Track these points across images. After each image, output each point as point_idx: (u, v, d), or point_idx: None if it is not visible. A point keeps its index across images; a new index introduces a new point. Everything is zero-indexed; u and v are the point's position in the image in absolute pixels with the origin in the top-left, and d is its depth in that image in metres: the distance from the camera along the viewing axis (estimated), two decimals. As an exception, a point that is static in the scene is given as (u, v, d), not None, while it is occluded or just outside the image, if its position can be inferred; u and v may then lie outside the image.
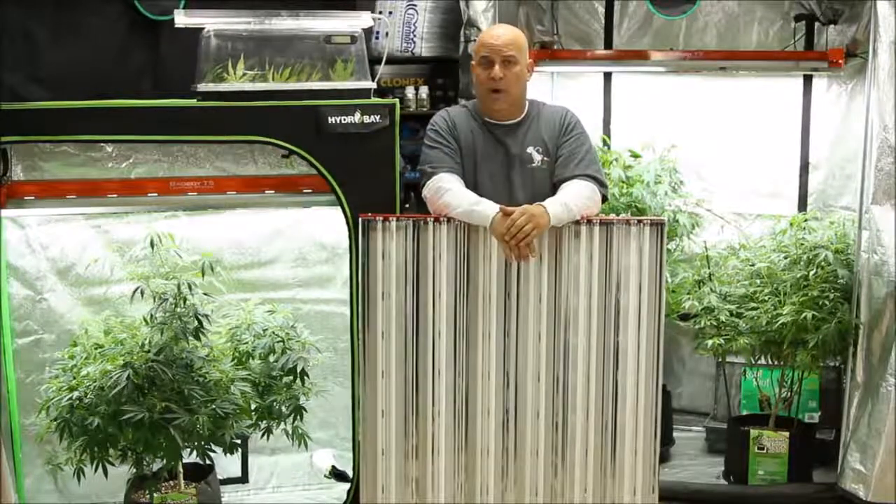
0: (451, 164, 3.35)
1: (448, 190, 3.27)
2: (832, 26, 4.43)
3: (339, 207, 3.57)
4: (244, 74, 3.56)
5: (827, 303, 3.92)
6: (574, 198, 3.25)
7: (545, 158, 3.38)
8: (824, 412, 4.43)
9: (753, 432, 4.15)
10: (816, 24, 4.47)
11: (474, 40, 4.14)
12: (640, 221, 3.26)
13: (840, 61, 4.26)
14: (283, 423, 3.59)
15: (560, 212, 3.21)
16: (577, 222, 3.25)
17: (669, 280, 4.21)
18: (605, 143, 4.63)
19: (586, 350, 3.29)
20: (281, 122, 3.56)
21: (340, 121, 3.57)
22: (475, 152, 3.39)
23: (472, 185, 3.34)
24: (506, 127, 3.41)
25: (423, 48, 4.70)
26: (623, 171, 4.35)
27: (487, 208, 3.22)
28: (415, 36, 4.68)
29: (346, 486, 3.80)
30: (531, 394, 3.31)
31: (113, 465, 3.40)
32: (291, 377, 3.56)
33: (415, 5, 4.68)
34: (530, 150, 3.38)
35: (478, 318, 3.30)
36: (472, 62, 3.43)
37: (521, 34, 3.41)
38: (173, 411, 3.29)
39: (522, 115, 3.42)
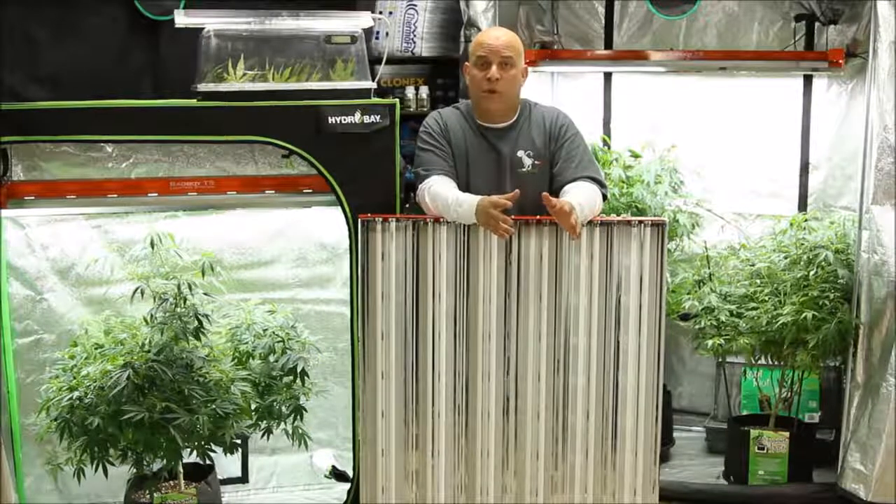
0: (443, 166, 3.35)
1: (440, 193, 3.26)
2: (832, 26, 4.42)
3: (339, 207, 3.57)
4: (244, 74, 3.56)
5: (827, 303, 3.92)
6: (585, 200, 3.23)
7: (536, 162, 3.37)
8: (824, 412, 4.43)
9: (753, 432, 4.15)
10: (816, 24, 4.46)
11: (474, 40, 4.14)
12: (640, 222, 3.26)
13: (840, 61, 4.25)
14: (283, 423, 3.60)
15: (579, 213, 3.18)
16: (578, 223, 3.25)
17: (669, 280, 4.21)
18: (605, 142, 4.63)
19: (587, 350, 3.29)
20: (281, 122, 3.56)
21: (340, 121, 3.57)
22: (467, 154, 3.38)
23: (465, 187, 3.34)
24: (498, 130, 3.40)
25: (423, 48, 4.70)
26: (623, 171, 4.36)
27: (468, 207, 3.18)
28: (415, 36, 4.68)
29: (346, 486, 3.80)
30: (531, 394, 3.31)
31: (113, 465, 3.40)
32: (291, 377, 3.56)
33: (415, 5, 4.67)
34: (520, 153, 3.37)
35: (478, 318, 3.31)
36: (467, 63, 3.43)
37: (519, 39, 3.41)
38: (173, 411, 3.29)
39: (514, 118, 3.42)
